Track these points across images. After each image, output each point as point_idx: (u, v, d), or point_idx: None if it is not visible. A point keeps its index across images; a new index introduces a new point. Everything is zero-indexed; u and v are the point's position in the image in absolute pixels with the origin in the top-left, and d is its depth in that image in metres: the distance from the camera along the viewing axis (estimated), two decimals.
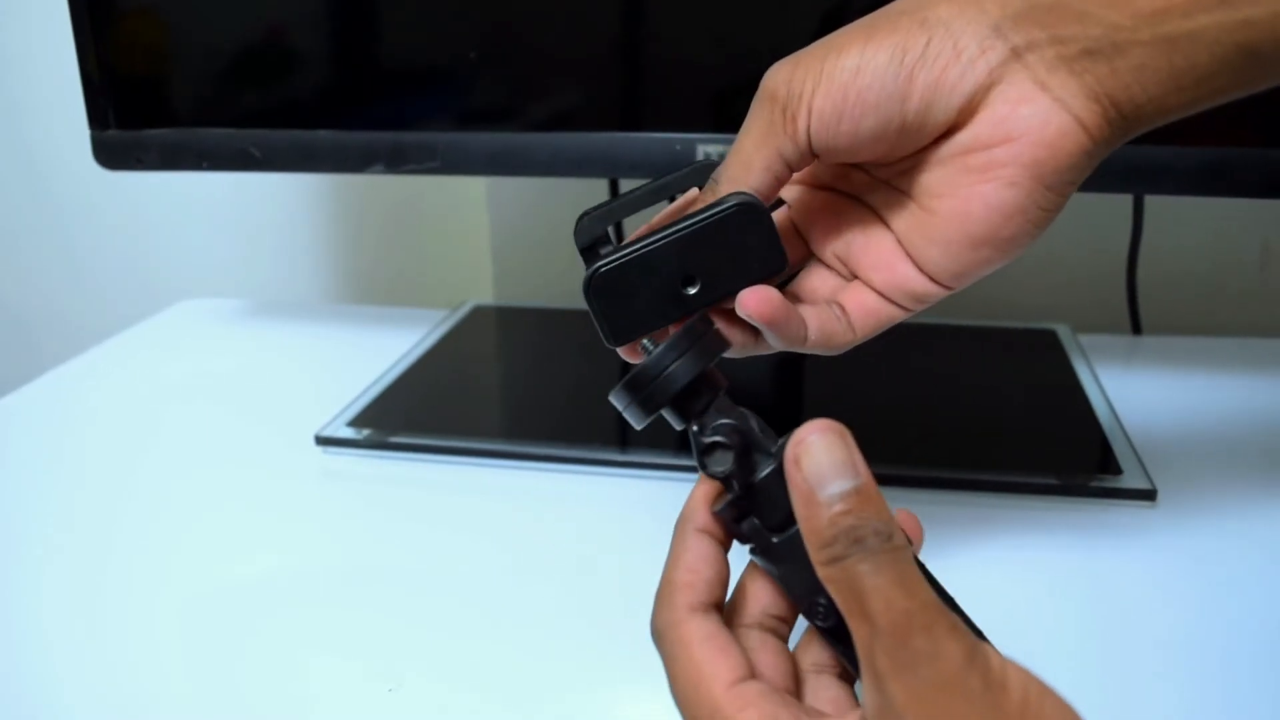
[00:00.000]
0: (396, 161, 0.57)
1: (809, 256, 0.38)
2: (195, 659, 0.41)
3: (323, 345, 0.74)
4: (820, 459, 0.26)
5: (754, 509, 0.30)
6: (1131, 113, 0.30)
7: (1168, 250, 0.75)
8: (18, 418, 0.64)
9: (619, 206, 0.35)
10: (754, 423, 0.31)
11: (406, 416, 0.59)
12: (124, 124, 0.60)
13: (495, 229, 0.86)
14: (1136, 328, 0.74)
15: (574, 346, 0.70)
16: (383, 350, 0.68)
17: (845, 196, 0.37)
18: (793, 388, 0.62)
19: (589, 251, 0.35)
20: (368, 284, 0.95)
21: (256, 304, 0.82)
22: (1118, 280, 0.74)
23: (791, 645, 0.31)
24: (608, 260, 0.34)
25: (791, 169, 0.33)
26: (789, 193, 0.38)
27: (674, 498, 0.50)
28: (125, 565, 0.47)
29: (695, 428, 0.32)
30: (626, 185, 0.76)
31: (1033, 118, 0.30)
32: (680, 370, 0.31)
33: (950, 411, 0.58)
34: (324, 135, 0.58)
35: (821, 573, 0.26)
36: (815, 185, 0.38)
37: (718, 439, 0.30)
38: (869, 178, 0.36)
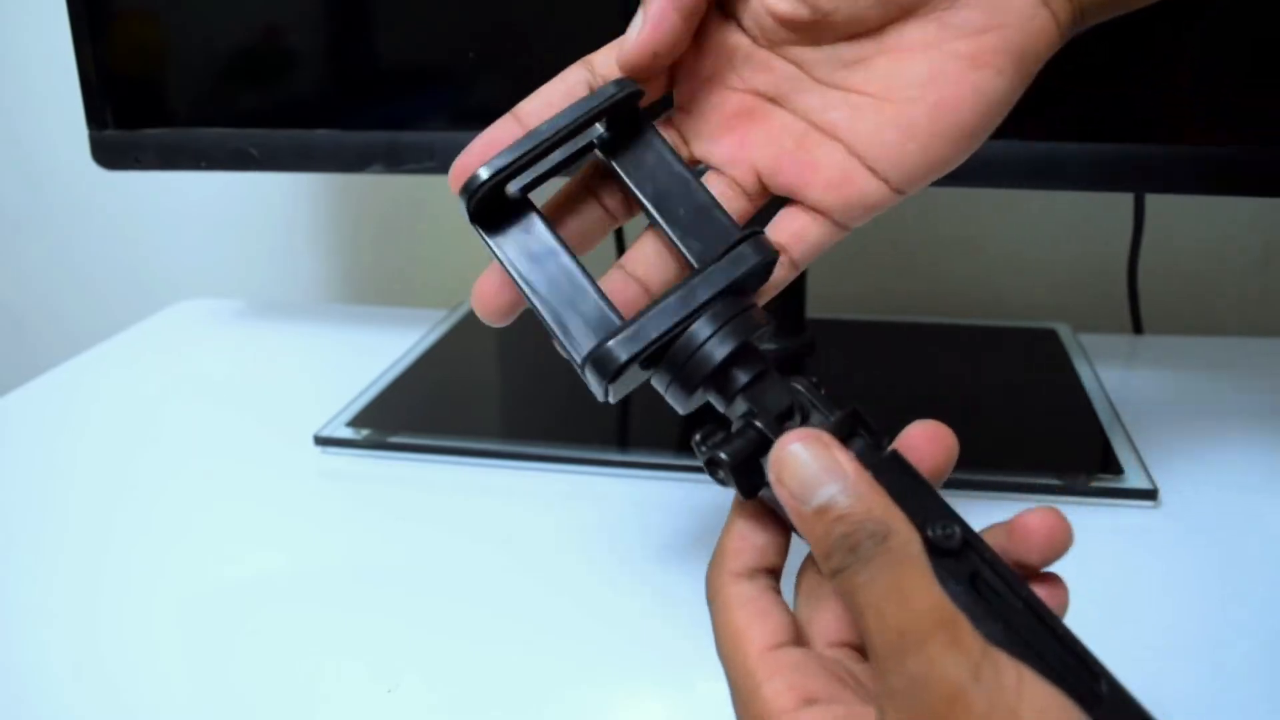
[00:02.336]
0: (395, 161, 0.56)
1: (695, 168, 0.34)
2: (193, 659, 0.41)
3: (322, 345, 0.74)
4: (800, 471, 0.26)
5: None
6: (1089, 8, 0.31)
7: (1168, 250, 0.75)
8: (16, 418, 0.64)
9: (526, 156, 0.32)
10: (803, 397, 0.30)
11: (406, 416, 0.59)
12: (122, 124, 0.60)
13: None
14: (1137, 327, 0.74)
15: None
16: (382, 350, 0.68)
17: (762, 98, 0.33)
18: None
19: (483, 213, 0.33)
20: (367, 284, 0.95)
21: (255, 304, 0.82)
22: (1118, 280, 0.74)
23: None
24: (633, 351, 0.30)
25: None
26: (681, 92, 0.34)
27: (674, 498, 0.50)
28: (123, 565, 0.47)
29: (744, 409, 0.30)
30: None
31: (1024, 7, 0.30)
32: (715, 346, 0.30)
33: (950, 411, 0.57)
34: (322, 135, 0.57)
35: (830, 583, 0.25)
36: (715, 74, 0.33)
37: (720, 455, 0.28)
38: (807, 79, 0.32)
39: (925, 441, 0.29)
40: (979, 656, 0.22)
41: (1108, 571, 0.44)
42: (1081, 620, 0.41)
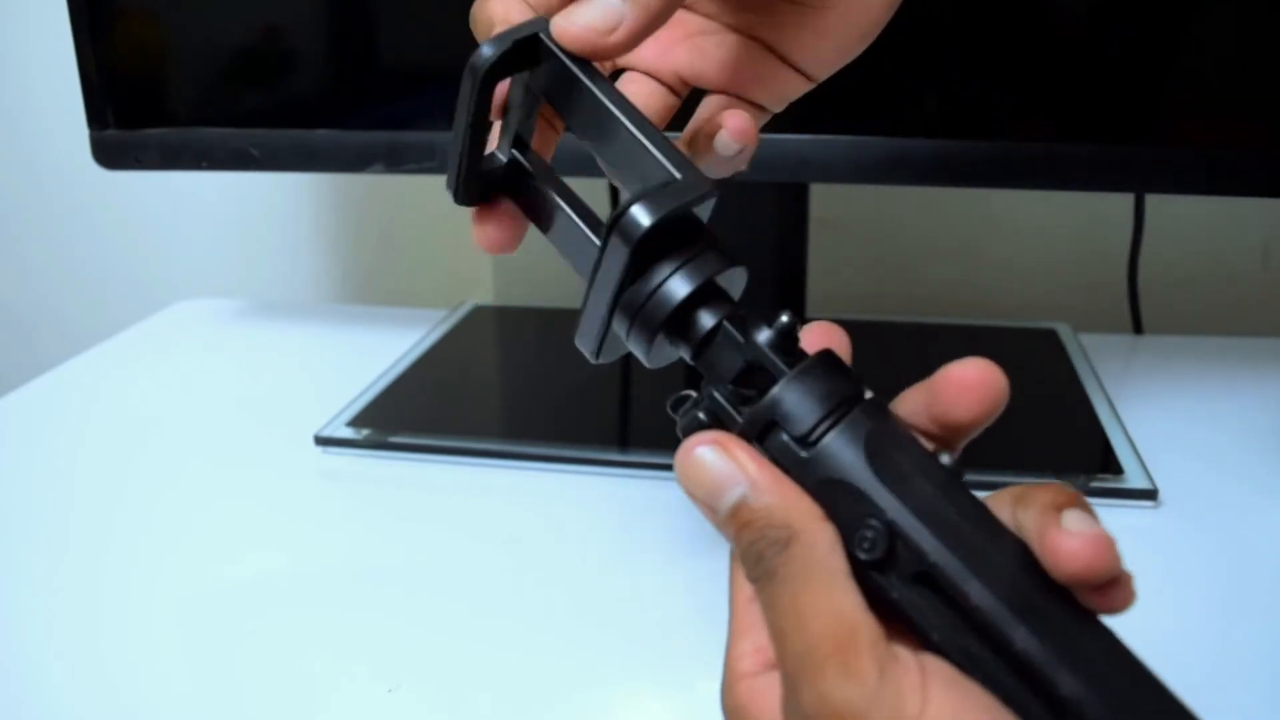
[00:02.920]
0: (395, 161, 0.56)
1: (615, 74, 0.34)
2: (194, 659, 0.41)
3: (322, 345, 0.74)
4: (702, 479, 0.25)
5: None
6: None
7: (1168, 250, 0.75)
8: (17, 418, 0.64)
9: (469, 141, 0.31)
10: (766, 358, 0.27)
11: (406, 416, 0.59)
12: (123, 124, 0.60)
13: None
14: (1137, 327, 0.74)
15: (574, 346, 0.70)
16: (382, 350, 0.68)
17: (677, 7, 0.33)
18: None
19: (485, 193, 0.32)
20: (367, 284, 0.95)
21: (256, 304, 0.82)
22: (1118, 280, 0.74)
23: None
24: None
25: None
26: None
27: (674, 498, 0.50)
28: (124, 565, 0.47)
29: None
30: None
31: None
32: (674, 286, 0.27)
33: None
34: (323, 135, 0.57)
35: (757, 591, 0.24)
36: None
37: (699, 416, 0.27)
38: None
39: (957, 389, 0.28)
40: (875, 676, 0.21)
41: None
42: None
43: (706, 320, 0.28)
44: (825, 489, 0.24)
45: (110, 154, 0.61)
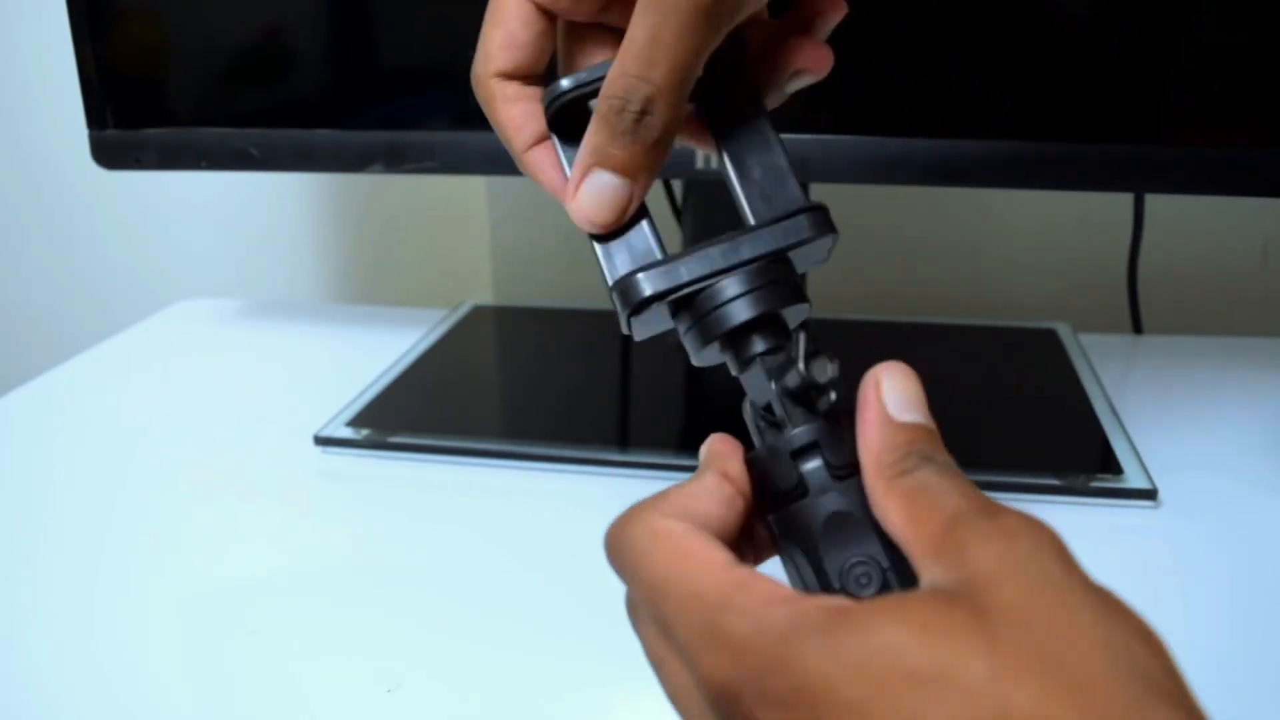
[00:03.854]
0: (395, 161, 0.56)
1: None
2: (193, 659, 0.41)
3: (322, 345, 0.74)
4: (902, 388, 0.26)
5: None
6: None
7: (1168, 250, 0.75)
8: (16, 419, 0.64)
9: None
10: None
11: (406, 416, 0.59)
12: (122, 124, 0.60)
13: (495, 229, 0.86)
14: (1137, 327, 0.74)
15: (574, 346, 0.70)
16: (382, 350, 0.68)
17: None
18: None
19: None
20: (367, 284, 0.95)
21: (255, 304, 0.82)
22: (1118, 280, 0.74)
23: None
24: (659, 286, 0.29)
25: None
26: None
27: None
28: (123, 565, 0.47)
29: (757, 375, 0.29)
30: None
31: None
32: (740, 306, 0.29)
33: (950, 411, 0.57)
34: (323, 135, 0.57)
35: (884, 486, 0.24)
36: None
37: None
38: None
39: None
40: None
41: (1108, 571, 0.44)
42: None
43: (755, 347, 0.29)
44: (837, 519, 0.26)
45: (110, 154, 0.61)
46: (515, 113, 0.31)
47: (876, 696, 0.20)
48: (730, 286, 0.29)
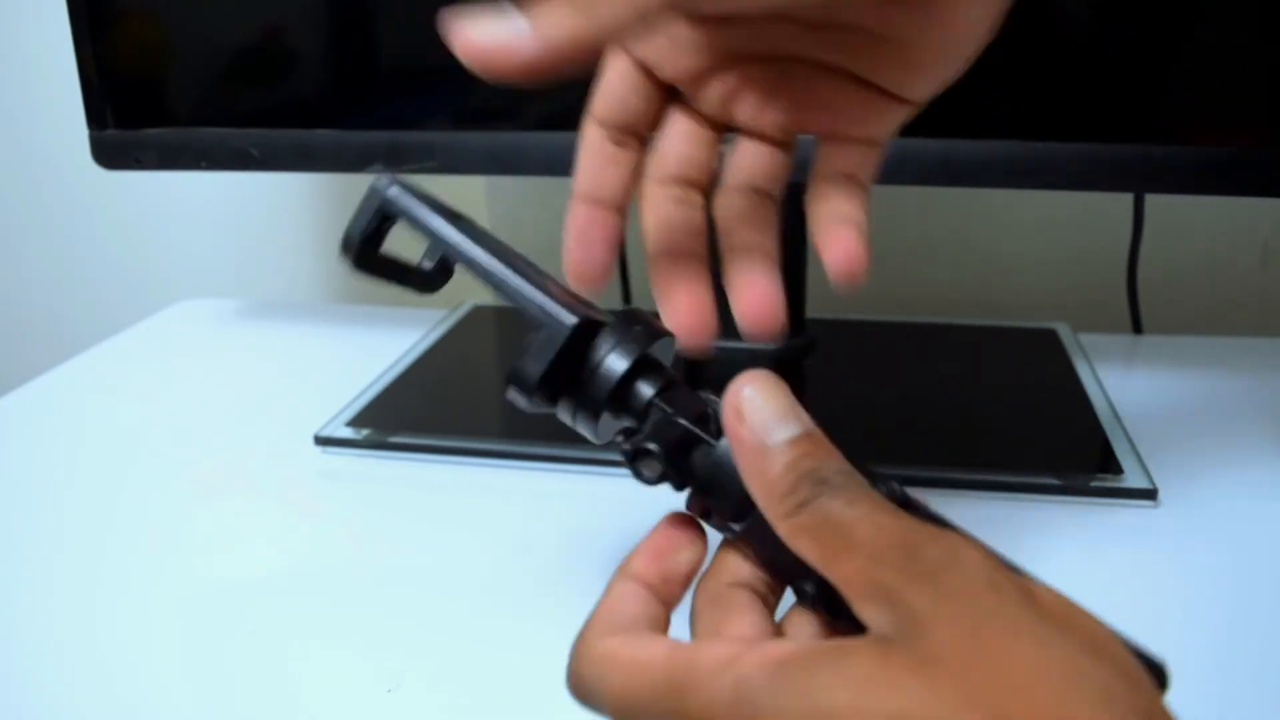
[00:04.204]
0: (395, 161, 0.56)
1: (722, 135, 0.33)
2: (193, 659, 0.41)
3: (322, 345, 0.74)
4: (763, 407, 0.25)
5: (708, 499, 0.28)
6: None
7: (1168, 250, 0.75)
8: (16, 419, 0.64)
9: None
10: (715, 405, 0.28)
11: (406, 416, 0.59)
12: (122, 124, 0.60)
13: (495, 229, 0.85)
14: (1137, 327, 0.74)
15: None
16: (382, 350, 0.68)
17: (765, 62, 0.32)
18: (791, 389, 0.61)
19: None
20: (367, 284, 0.95)
21: (255, 304, 0.82)
22: (1118, 280, 0.74)
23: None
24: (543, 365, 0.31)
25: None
26: (680, 81, 0.33)
27: (674, 498, 0.50)
28: (123, 565, 0.47)
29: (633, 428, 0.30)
30: None
31: None
32: (614, 361, 0.29)
33: (950, 411, 0.57)
34: (323, 135, 0.57)
35: (786, 527, 0.24)
36: (715, 61, 0.32)
37: (646, 446, 0.28)
38: (805, 29, 0.31)
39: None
40: (990, 555, 0.23)
41: (1108, 571, 0.44)
42: None
43: (644, 392, 0.30)
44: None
45: (110, 154, 0.61)
46: (590, 160, 0.31)
47: None
48: (596, 350, 0.30)
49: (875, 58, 0.30)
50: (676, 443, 0.28)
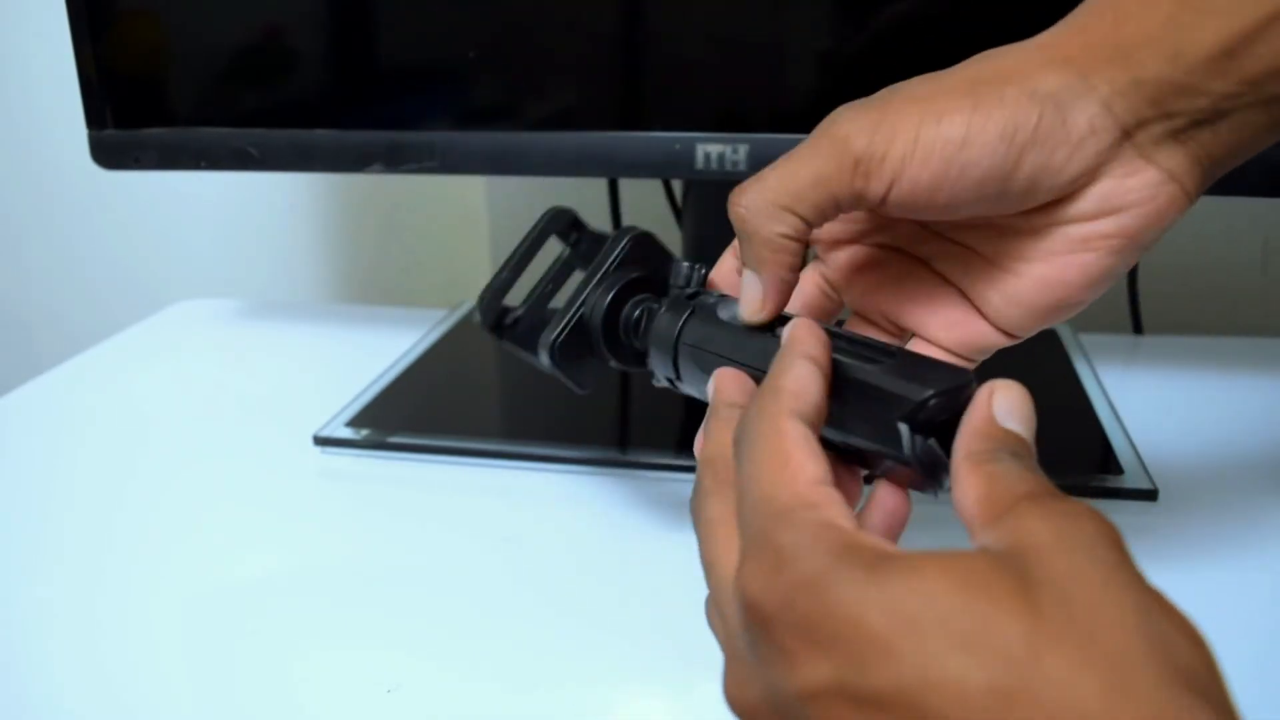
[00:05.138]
0: (395, 161, 0.56)
1: (838, 310, 0.37)
2: (194, 660, 0.41)
3: (322, 345, 0.74)
4: (1015, 402, 0.26)
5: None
6: (1227, 161, 0.30)
7: (1168, 250, 0.75)
8: (16, 418, 0.64)
9: (508, 276, 0.43)
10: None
11: (405, 416, 0.59)
12: (122, 124, 0.60)
13: (495, 229, 0.86)
14: (1138, 327, 0.74)
15: None
16: (382, 350, 0.68)
17: (887, 249, 0.35)
18: None
19: (499, 328, 0.44)
20: (367, 284, 0.95)
21: (255, 304, 0.82)
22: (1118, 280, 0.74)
23: None
24: (557, 331, 0.40)
25: (838, 213, 0.32)
26: (821, 246, 0.37)
27: (674, 498, 0.50)
28: (123, 566, 0.47)
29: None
30: (626, 185, 0.75)
31: (1141, 190, 0.30)
32: (599, 297, 0.40)
33: None
34: (322, 135, 0.57)
35: (967, 466, 0.24)
36: (848, 237, 0.36)
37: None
38: (927, 233, 0.34)
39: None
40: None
41: None
42: None
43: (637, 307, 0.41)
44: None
45: (109, 154, 0.61)
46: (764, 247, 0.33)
47: (907, 637, 0.19)
48: (588, 298, 0.40)
49: (983, 279, 0.33)
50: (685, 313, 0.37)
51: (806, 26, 0.51)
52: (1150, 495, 0.48)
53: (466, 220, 0.87)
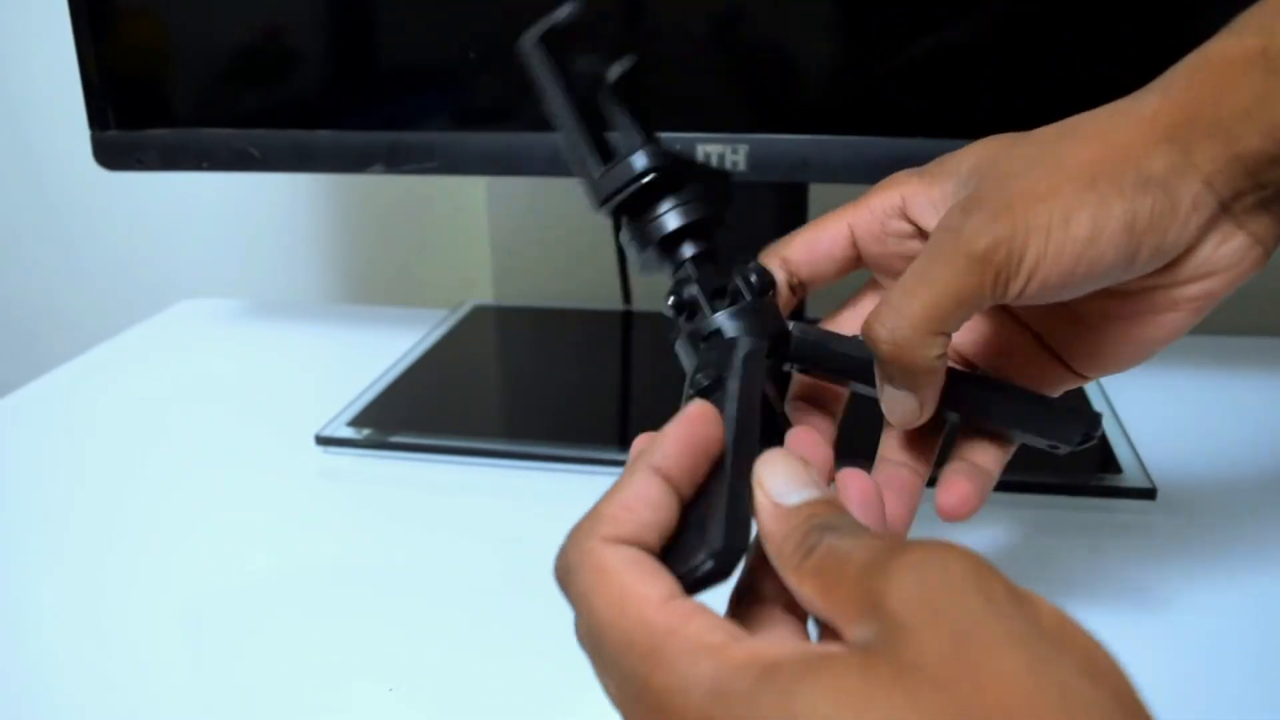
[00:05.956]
0: (396, 161, 0.57)
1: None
2: (195, 659, 0.41)
3: (323, 345, 0.74)
4: (784, 471, 0.25)
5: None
6: None
7: None
8: (18, 418, 0.64)
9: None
10: (737, 286, 0.34)
11: (406, 416, 0.59)
12: (124, 124, 0.60)
13: (495, 229, 0.86)
14: None
15: (574, 346, 0.70)
16: (383, 350, 0.68)
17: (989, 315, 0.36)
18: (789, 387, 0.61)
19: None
20: (368, 284, 0.95)
21: (256, 304, 0.82)
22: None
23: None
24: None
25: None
26: None
27: None
28: (126, 565, 0.47)
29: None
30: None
31: (1231, 255, 0.31)
32: (670, 219, 0.35)
33: None
34: (323, 135, 0.58)
35: (796, 576, 0.23)
36: None
37: (669, 296, 0.34)
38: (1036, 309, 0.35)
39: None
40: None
41: (1107, 570, 0.44)
42: (1081, 618, 0.41)
43: (686, 251, 0.35)
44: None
45: (111, 155, 0.61)
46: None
47: None
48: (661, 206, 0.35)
49: (1068, 334, 0.34)
50: (688, 301, 0.34)
51: (807, 26, 0.51)
52: (1149, 494, 0.49)
53: (467, 220, 0.87)
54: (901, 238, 0.35)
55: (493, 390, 0.67)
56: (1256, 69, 0.29)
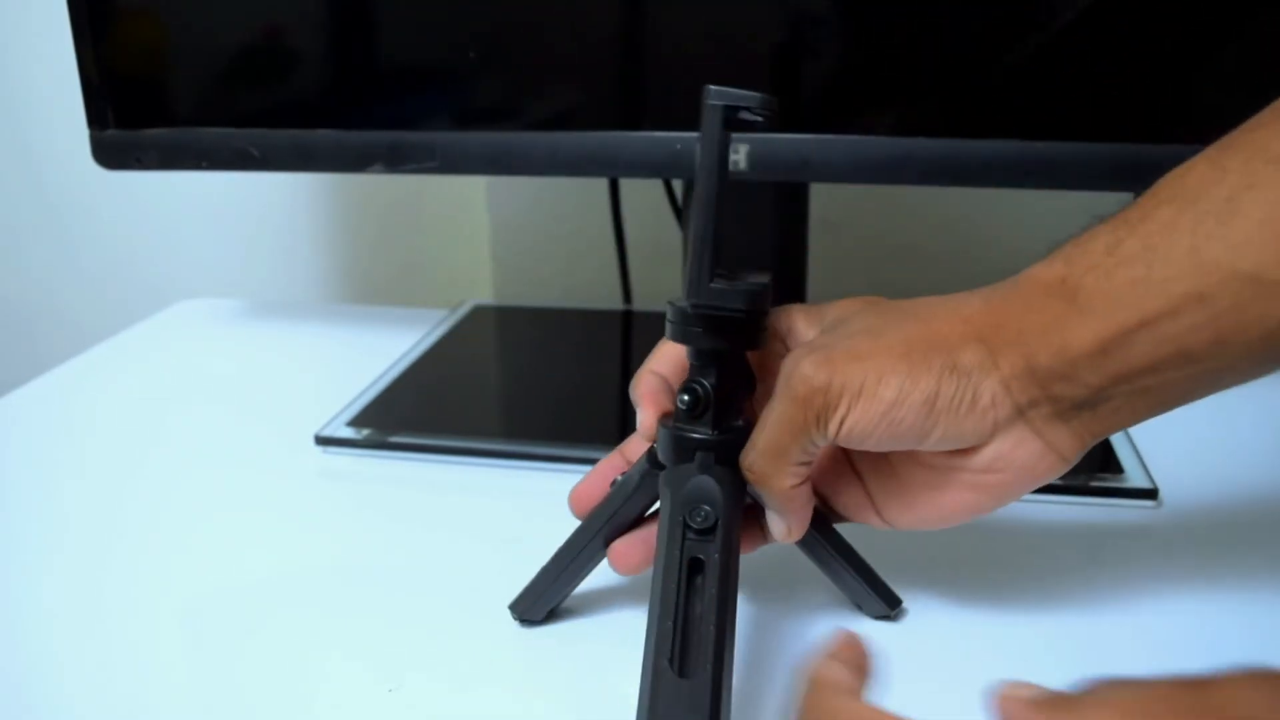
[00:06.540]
0: (396, 161, 0.56)
1: None
2: (195, 659, 0.41)
3: (323, 345, 0.74)
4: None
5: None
6: (1105, 434, 0.36)
7: None
8: (18, 418, 0.64)
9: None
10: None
11: (406, 416, 0.59)
12: (123, 124, 0.60)
13: (495, 229, 0.86)
14: None
15: (574, 346, 0.70)
16: (383, 350, 0.68)
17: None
18: None
19: None
20: (367, 284, 0.95)
21: (256, 304, 0.82)
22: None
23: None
24: None
25: (820, 449, 0.36)
26: None
27: None
28: (125, 565, 0.47)
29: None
30: (626, 185, 0.76)
31: (1027, 458, 0.35)
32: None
33: None
34: (323, 135, 0.58)
35: None
36: None
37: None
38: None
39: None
40: None
41: (1108, 571, 0.44)
42: (1081, 618, 0.41)
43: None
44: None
45: (111, 154, 0.61)
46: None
47: None
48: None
49: (886, 487, 0.38)
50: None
51: (807, 26, 0.51)
52: (1151, 494, 0.49)
53: (467, 220, 0.87)
54: (779, 358, 0.38)
55: (492, 390, 0.67)
56: (1055, 296, 0.34)
